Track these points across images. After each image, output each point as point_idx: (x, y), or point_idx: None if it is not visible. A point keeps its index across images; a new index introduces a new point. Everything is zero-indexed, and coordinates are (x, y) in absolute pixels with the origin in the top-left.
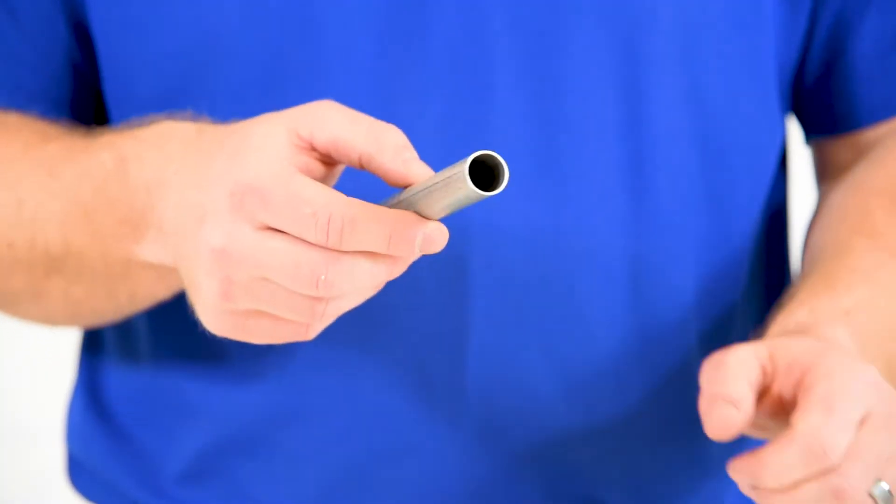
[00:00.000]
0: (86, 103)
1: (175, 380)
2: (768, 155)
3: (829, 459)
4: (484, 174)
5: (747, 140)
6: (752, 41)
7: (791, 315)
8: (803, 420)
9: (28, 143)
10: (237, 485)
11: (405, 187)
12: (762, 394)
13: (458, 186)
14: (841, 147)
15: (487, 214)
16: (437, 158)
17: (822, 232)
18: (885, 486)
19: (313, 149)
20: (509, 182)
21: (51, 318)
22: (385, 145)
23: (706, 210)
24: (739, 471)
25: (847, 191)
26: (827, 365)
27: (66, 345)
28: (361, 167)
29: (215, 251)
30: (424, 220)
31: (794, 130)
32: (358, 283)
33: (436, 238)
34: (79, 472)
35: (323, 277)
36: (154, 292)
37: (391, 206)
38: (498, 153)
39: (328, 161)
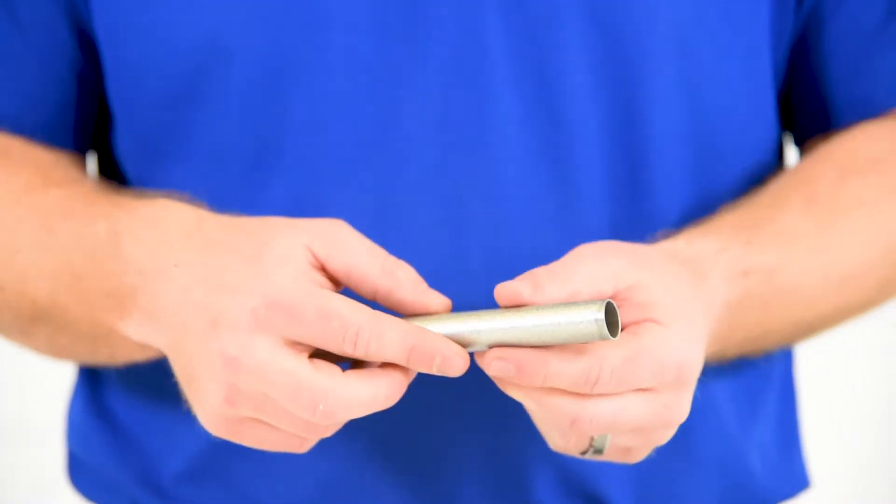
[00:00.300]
0: (88, 108)
1: (174, 379)
2: (764, 154)
3: (595, 388)
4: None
5: (743, 139)
6: (748, 40)
7: (699, 241)
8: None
9: (30, 184)
10: (236, 484)
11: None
12: None
13: (584, 329)
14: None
15: (486, 213)
16: (435, 159)
17: (772, 181)
18: (607, 441)
19: (323, 269)
20: (510, 180)
21: (36, 352)
22: (401, 281)
23: (701, 209)
24: (510, 358)
25: (808, 157)
26: (665, 317)
27: None
28: (373, 299)
29: (228, 359)
30: (446, 340)
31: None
32: (354, 412)
33: (455, 364)
34: (79, 471)
35: (321, 407)
36: (132, 356)
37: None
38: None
39: (335, 281)
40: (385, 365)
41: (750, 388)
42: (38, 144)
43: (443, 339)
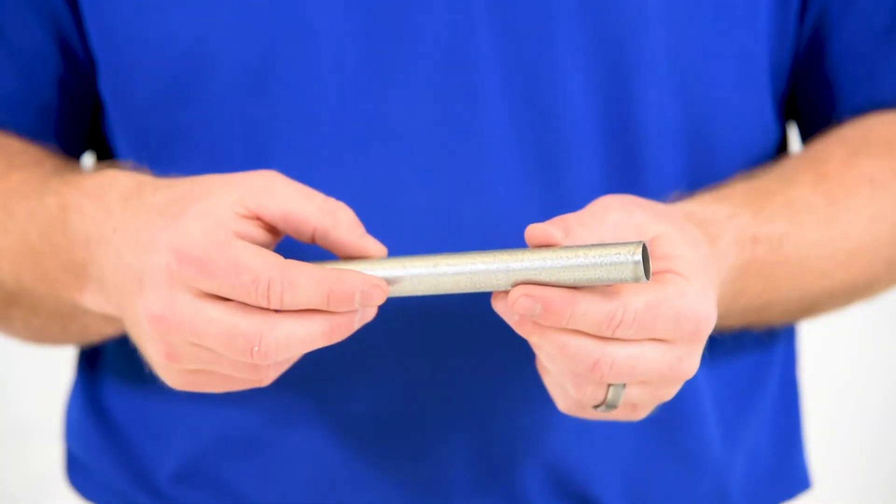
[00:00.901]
0: (72, 113)
1: None
2: (760, 154)
3: (617, 331)
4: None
5: (738, 140)
6: (743, 41)
7: (712, 205)
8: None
9: None
10: (229, 485)
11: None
12: None
13: (624, 273)
14: None
15: (477, 215)
16: (425, 160)
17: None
18: (621, 394)
19: (258, 219)
20: (500, 181)
21: (20, 339)
22: (339, 221)
23: None
24: (537, 295)
25: (820, 138)
26: (685, 267)
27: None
28: (313, 242)
29: (154, 318)
30: (363, 276)
31: (795, 134)
32: (292, 350)
33: (374, 295)
34: (77, 471)
35: (256, 348)
36: (102, 332)
37: (518, 268)
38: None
39: (272, 230)
40: None
41: (739, 390)
42: (7, 133)
43: (358, 274)
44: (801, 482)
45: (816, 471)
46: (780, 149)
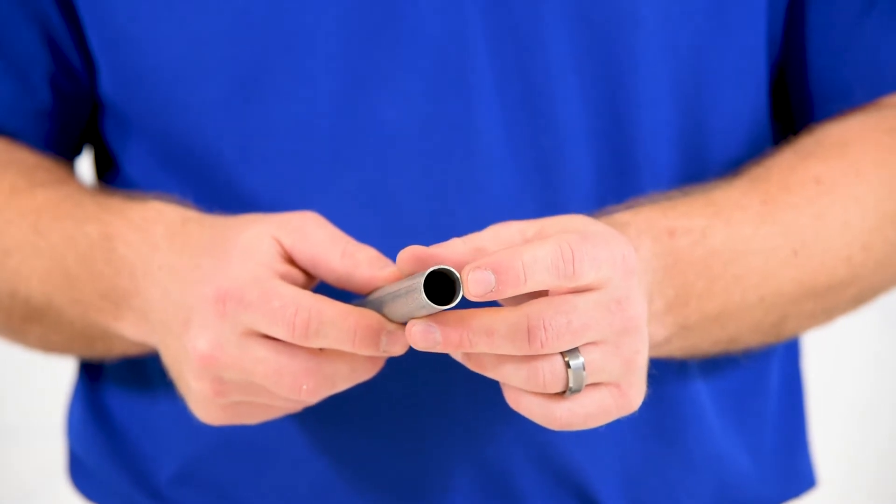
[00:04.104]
0: (66, 116)
1: (170, 383)
2: (755, 153)
3: (574, 268)
4: (442, 285)
5: (733, 139)
6: (741, 39)
7: (619, 212)
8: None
9: (14, 186)
10: (229, 487)
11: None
12: None
13: (415, 298)
14: None
15: (470, 217)
16: (419, 164)
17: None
18: (583, 375)
19: (292, 261)
20: (495, 184)
21: (29, 348)
22: (359, 262)
23: None
24: (484, 264)
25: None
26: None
27: None
28: (337, 285)
29: (203, 357)
30: (388, 321)
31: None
32: (338, 388)
33: (398, 340)
34: (79, 471)
35: (305, 387)
36: (128, 352)
37: (359, 305)
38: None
39: (306, 272)
40: None
41: (737, 388)
42: (20, 146)
43: (381, 317)
44: (806, 480)
45: (822, 469)
46: (777, 145)
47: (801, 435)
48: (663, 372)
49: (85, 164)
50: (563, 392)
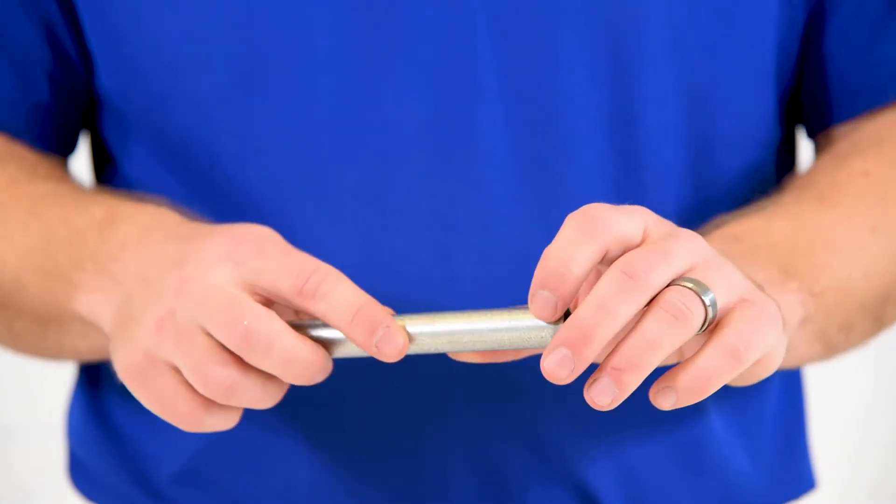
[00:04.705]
0: (64, 111)
1: None
2: (763, 152)
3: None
4: None
5: (741, 138)
6: (750, 38)
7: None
8: None
9: (14, 178)
10: (229, 487)
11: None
12: None
13: (536, 338)
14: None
15: (473, 216)
16: (421, 160)
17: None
18: (712, 294)
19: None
20: (497, 181)
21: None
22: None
23: (697, 209)
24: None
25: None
26: None
27: None
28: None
29: (182, 279)
30: (393, 319)
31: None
32: (272, 352)
33: (396, 341)
34: (79, 471)
35: (246, 322)
36: (76, 345)
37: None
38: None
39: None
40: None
41: (738, 390)
42: (19, 142)
43: (390, 317)
44: (806, 482)
45: (822, 471)
46: (785, 148)
47: (801, 436)
48: (661, 368)
49: (82, 164)
50: (707, 326)
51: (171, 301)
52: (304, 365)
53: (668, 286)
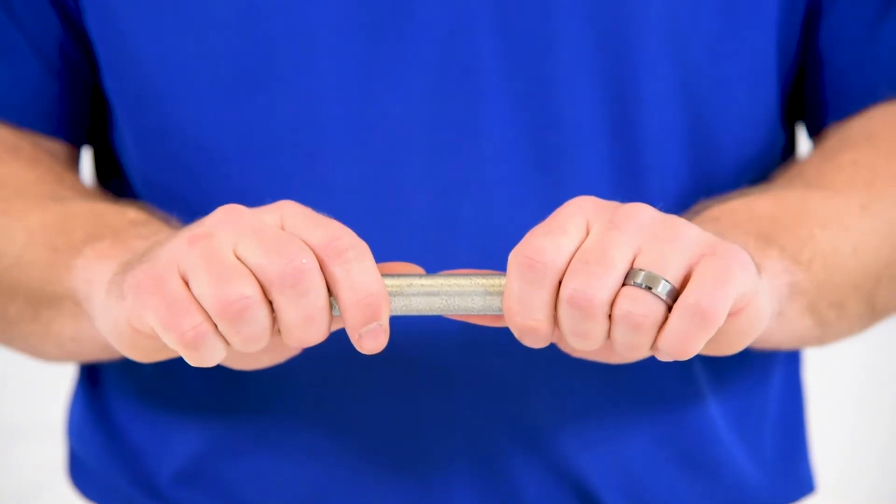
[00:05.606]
0: (82, 100)
1: (170, 382)
2: (764, 149)
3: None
4: None
5: (743, 140)
6: (751, 40)
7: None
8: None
9: (42, 178)
10: (229, 487)
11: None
12: None
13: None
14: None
15: (476, 214)
16: (424, 158)
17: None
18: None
19: None
20: (500, 180)
21: None
22: None
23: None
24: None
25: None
26: None
27: None
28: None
29: (233, 209)
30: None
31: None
32: (291, 298)
33: (378, 336)
34: (79, 471)
35: (304, 261)
36: (63, 328)
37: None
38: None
39: None
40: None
41: (739, 393)
42: (45, 138)
43: (387, 315)
44: (806, 485)
45: (822, 474)
46: (788, 149)
47: (801, 439)
48: (661, 368)
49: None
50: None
51: (213, 226)
52: (319, 326)
53: (622, 286)
